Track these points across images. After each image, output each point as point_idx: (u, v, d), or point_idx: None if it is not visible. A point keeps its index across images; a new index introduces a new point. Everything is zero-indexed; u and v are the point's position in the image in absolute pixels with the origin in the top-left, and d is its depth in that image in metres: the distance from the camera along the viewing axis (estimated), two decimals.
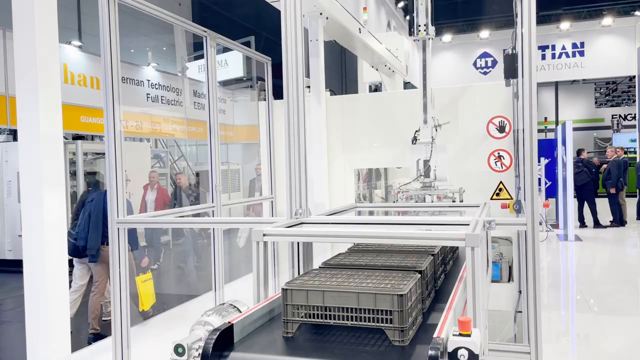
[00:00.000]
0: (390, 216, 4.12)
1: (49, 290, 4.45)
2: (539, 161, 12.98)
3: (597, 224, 13.11)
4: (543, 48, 20.34)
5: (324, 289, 1.80)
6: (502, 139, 3.98)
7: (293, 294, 1.83)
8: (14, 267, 9.25)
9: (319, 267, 2.28)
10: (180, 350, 1.68)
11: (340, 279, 1.92)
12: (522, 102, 2.51)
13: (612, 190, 13.19)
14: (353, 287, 1.80)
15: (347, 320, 1.77)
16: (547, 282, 8.08)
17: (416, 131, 3.68)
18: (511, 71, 3.58)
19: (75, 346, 5.03)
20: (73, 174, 10.37)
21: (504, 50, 3.90)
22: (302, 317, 1.83)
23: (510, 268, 4.13)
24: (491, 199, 4.00)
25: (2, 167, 10.07)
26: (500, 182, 3.99)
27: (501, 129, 3.94)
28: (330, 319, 1.79)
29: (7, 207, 10.33)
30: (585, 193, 13.30)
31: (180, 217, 4.40)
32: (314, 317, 1.81)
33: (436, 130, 3.68)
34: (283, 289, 1.85)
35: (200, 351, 1.66)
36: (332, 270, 2.12)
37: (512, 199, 3.92)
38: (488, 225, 2.34)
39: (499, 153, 3.96)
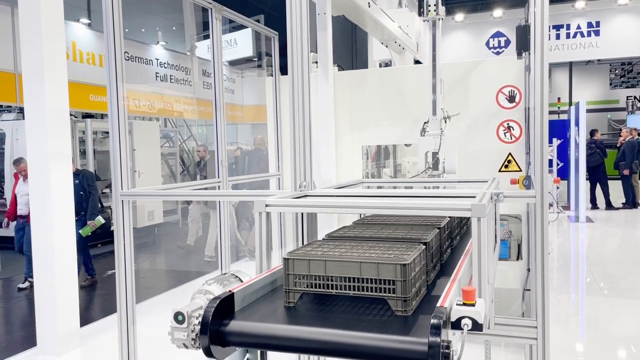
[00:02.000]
0: (396, 189, 4.07)
1: (57, 265, 4.49)
2: (550, 142, 12.82)
3: (609, 206, 12.97)
4: (557, 27, 19.91)
5: (326, 259, 1.77)
6: (512, 109, 3.88)
7: (295, 263, 1.80)
8: None
9: (323, 239, 2.25)
10: (180, 318, 1.66)
11: (343, 249, 1.89)
12: (533, 75, 2.44)
13: (626, 172, 13.02)
14: (356, 257, 1.77)
15: (350, 290, 1.74)
16: (557, 264, 8.01)
17: (425, 122, 3.60)
18: (523, 43, 3.49)
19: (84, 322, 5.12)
20: (83, 153, 10.41)
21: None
22: (304, 287, 1.80)
23: (520, 246, 4.08)
24: (499, 170, 3.93)
25: (12, 145, 10.11)
26: (509, 153, 3.90)
27: (511, 98, 3.84)
28: (332, 288, 1.76)
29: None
30: (598, 174, 13.15)
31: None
32: (315, 287, 1.79)
33: (445, 122, 3.60)
34: (285, 259, 1.82)
35: (200, 319, 1.64)
36: (336, 242, 2.08)
37: (520, 170, 3.84)
38: (496, 197, 2.29)
39: (508, 124, 3.86)
